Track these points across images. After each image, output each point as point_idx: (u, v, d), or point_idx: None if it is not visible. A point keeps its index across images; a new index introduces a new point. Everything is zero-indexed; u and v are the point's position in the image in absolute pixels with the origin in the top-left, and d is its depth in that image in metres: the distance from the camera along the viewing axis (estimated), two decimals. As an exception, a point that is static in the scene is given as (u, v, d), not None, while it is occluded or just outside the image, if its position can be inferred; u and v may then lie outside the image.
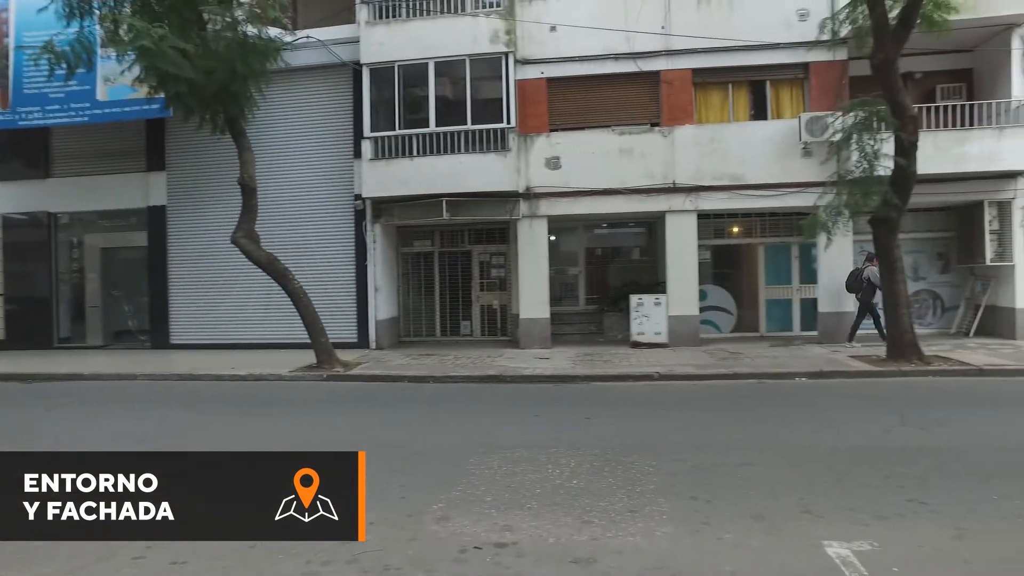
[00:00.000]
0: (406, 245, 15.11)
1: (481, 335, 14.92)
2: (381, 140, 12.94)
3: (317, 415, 7.97)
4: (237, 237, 10.93)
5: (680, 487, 4.73)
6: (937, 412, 6.99)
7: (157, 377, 10.82)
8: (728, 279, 14.15)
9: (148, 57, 9.10)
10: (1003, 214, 12.34)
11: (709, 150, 12.56)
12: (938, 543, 3.71)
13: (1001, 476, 4.81)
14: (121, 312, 15.36)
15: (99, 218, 15.11)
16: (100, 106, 13.22)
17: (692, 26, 12.45)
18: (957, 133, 11.80)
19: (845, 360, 10.38)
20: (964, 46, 12.53)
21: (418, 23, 12.94)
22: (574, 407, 7.94)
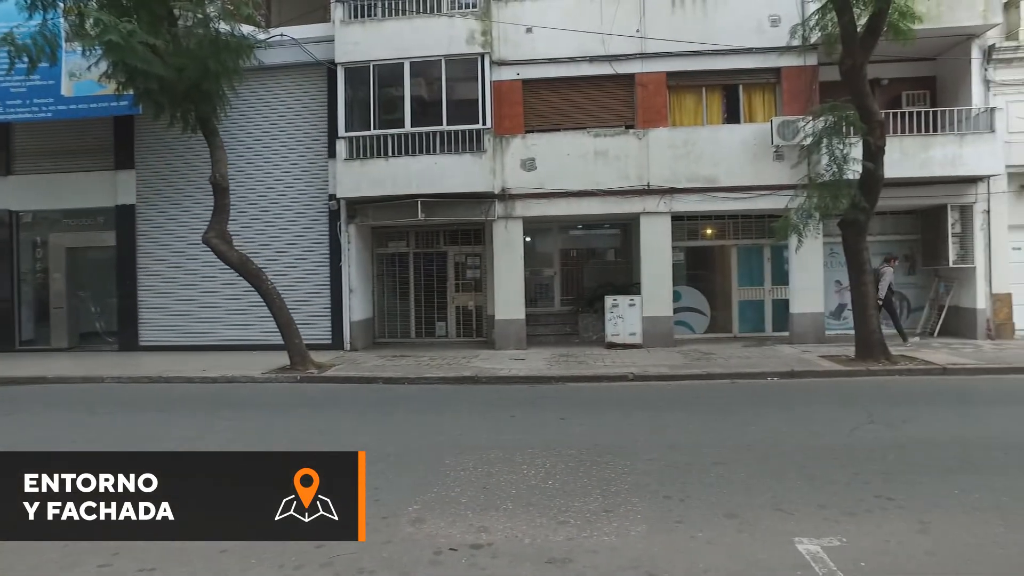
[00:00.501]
0: (381, 246, 15.01)
1: (456, 336, 14.89)
2: (356, 140, 12.84)
3: (290, 417, 7.86)
4: (209, 237, 10.75)
5: (654, 486, 4.77)
6: (903, 410, 7.16)
7: (125, 380, 10.57)
8: (702, 280, 14.33)
9: (116, 52, 8.90)
10: (965, 218, 12.71)
11: (683, 152, 12.70)
12: (903, 537, 3.80)
13: (962, 471, 4.95)
14: (88, 313, 15.00)
15: (64, 217, 14.72)
16: (65, 102, 12.88)
17: (666, 30, 12.60)
18: (922, 139, 12.12)
19: (815, 360, 10.58)
20: (928, 54, 12.89)
21: (394, 23, 12.88)
22: (549, 408, 7.96)
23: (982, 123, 12.11)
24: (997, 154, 12.01)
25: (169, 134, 11.59)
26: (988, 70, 12.51)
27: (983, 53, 12.47)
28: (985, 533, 3.85)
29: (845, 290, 12.30)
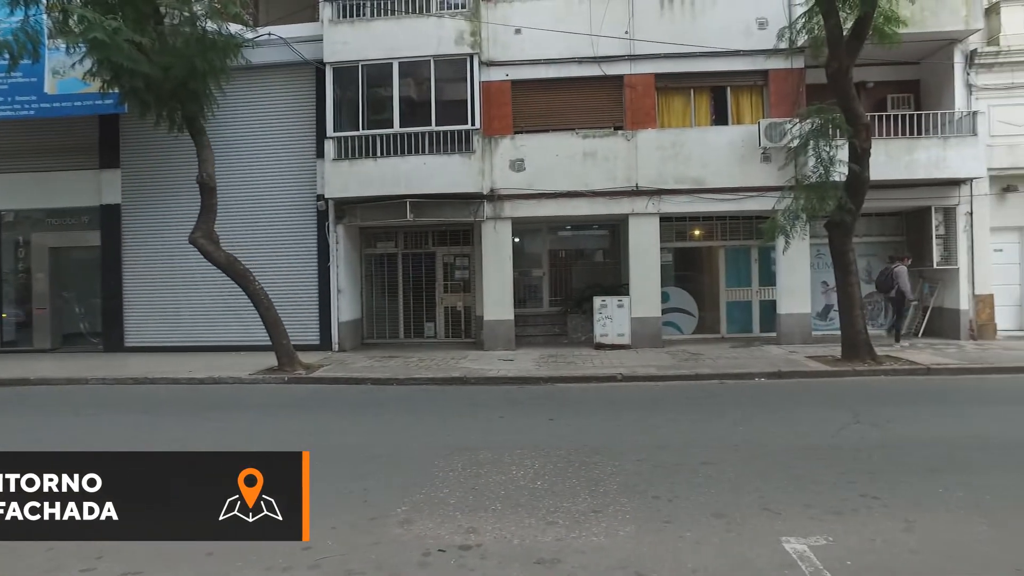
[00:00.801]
0: (369, 246, 14.95)
1: (445, 337, 14.86)
2: (344, 140, 12.79)
3: (278, 418, 7.81)
4: (195, 237, 10.66)
5: (642, 487, 4.78)
6: (888, 410, 7.23)
7: (110, 381, 10.45)
8: (690, 281, 14.40)
9: (101, 50, 8.79)
10: (948, 219, 12.87)
11: (671, 154, 12.76)
12: (888, 535, 3.84)
13: (946, 470, 5.01)
14: (72, 314, 14.82)
15: (48, 216, 14.53)
16: (48, 100, 12.70)
17: (655, 32, 12.66)
18: (907, 141, 12.25)
19: (802, 360, 10.66)
20: (912, 58, 13.03)
21: (382, 23, 12.84)
22: (538, 408, 7.96)
23: (965, 127, 12.26)
24: (979, 157, 12.17)
25: (155, 133, 11.47)
26: (970, 74, 12.68)
27: (965, 58, 12.64)
28: (968, 531, 3.90)
29: (831, 291, 12.42)
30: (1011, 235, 13.26)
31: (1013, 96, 12.66)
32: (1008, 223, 13.13)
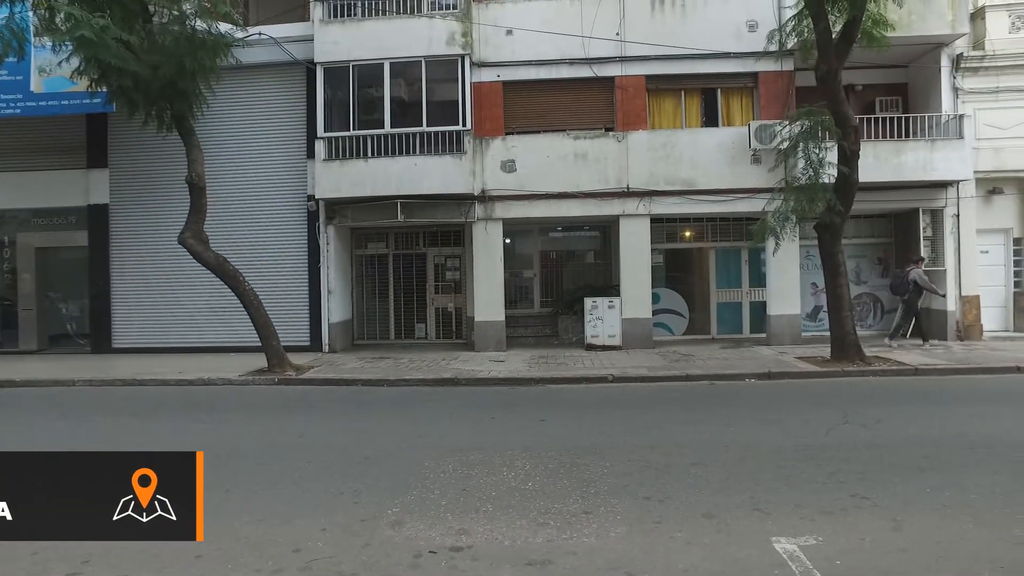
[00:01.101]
0: (360, 247, 14.90)
1: (436, 338, 14.84)
2: (335, 140, 12.74)
3: (268, 420, 7.77)
4: (185, 238, 10.58)
5: (633, 487, 4.79)
6: (877, 410, 7.28)
7: (97, 383, 10.35)
8: (680, 282, 14.46)
9: (89, 48, 8.71)
10: (936, 221, 13.00)
11: (662, 155, 12.80)
12: (878, 535, 3.87)
13: (934, 470, 5.05)
14: (58, 315, 14.67)
15: (34, 216, 14.35)
16: (35, 98, 12.57)
17: (646, 33, 12.71)
18: (895, 144, 12.36)
19: (792, 361, 10.72)
20: (900, 62, 13.17)
21: (373, 23, 12.80)
22: (529, 409, 7.96)
23: (951, 130, 12.39)
24: (966, 160, 12.30)
25: (144, 132, 11.36)
26: (957, 78, 12.82)
27: (952, 61, 12.78)
28: (955, 530, 3.93)
29: (821, 292, 12.51)
30: (996, 237, 13.42)
31: (998, 100, 12.82)
32: (993, 225, 13.29)
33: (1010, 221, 13.45)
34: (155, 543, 3.85)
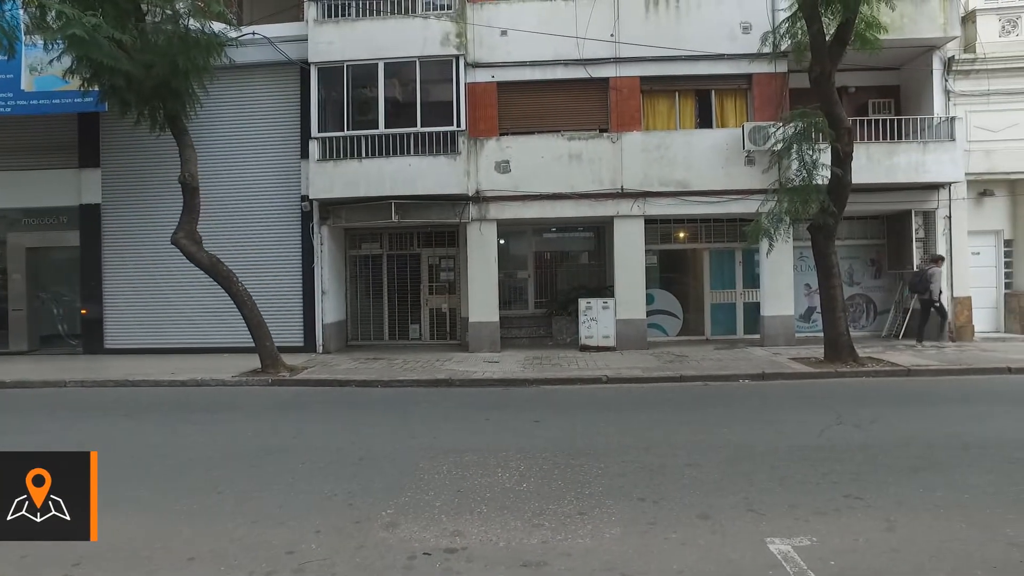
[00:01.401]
0: (354, 247, 14.87)
1: (430, 339, 14.82)
2: (329, 141, 12.71)
3: (261, 421, 7.72)
4: (178, 238, 10.53)
5: (628, 488, 4.79)
6: (870, 411, 7.31)
7: (89, 384, 10.28)
8: (674, 283, 14.49)
9: (80, 47, 8.64)
10: (928, 223, 13.08)
11: (656, 156, 12.83)
12: (871, 535, 3.88)
13: (927, 470, 5.08)
14: (50, 316, 14.56)
15: (25, 216, 14.23)
16: (26, 97, 12.49)
17: (640, 35, 12.73)
18: (887, 146, 12.43)
19: (786, 362, 10.75)
20: (893, 64, 13.26)
21: (368, 23, 12.78)
22: (523, 410, 7.96)
23: (943, 132, 12.47)
24: (957, 162, 12.38)
25: (136, 132, 11.28)
26: (948, 81, 12.91)
27: (943, 64, 12.87)
28: (948, 530, 3.95)
29: (814, 293, 12.55)
30: (988, 238, 13.53)
31: (989, 102, 12.90)
32: (985, 227, 13.39)
33: (1001, 223, 13.57)
34: (148, 545, 3.87)
